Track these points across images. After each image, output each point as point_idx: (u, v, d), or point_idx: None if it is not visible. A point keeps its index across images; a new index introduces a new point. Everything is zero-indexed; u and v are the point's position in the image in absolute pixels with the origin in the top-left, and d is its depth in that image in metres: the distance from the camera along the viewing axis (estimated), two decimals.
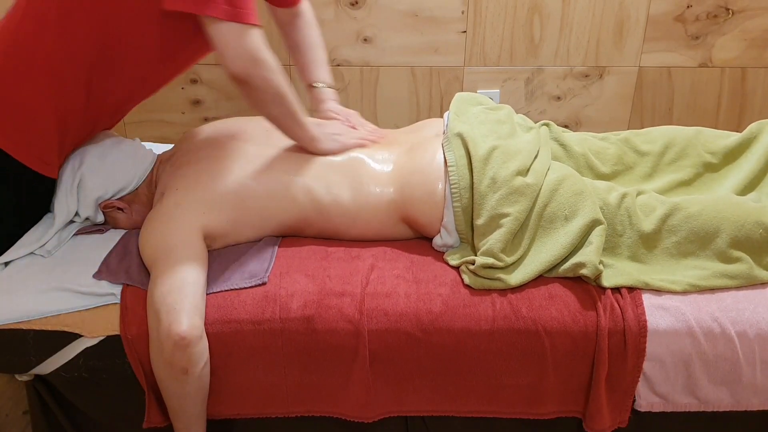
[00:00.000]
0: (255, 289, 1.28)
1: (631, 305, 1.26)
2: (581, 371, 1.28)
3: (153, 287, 1.21)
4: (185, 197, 1.33)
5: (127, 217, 1.46)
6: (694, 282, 1.29)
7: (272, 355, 1.27)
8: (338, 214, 1.38)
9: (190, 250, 1.25)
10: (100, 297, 1.28)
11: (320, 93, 1.61)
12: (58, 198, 1.39)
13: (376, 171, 1.40)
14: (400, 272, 1.32)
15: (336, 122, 1.53)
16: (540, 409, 1.31)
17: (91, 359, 1.29)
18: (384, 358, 1.27)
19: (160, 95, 2.34)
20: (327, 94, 1.61)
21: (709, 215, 1.31)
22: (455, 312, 1.26)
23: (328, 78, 1.63)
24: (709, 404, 1.30)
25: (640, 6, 2.20)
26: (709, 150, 1.50)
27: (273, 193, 1.36)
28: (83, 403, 1.36)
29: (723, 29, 2.25)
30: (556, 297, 1.27)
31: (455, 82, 2.32)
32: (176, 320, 1.16)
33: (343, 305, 1.26)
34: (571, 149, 1.51)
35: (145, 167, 1.46)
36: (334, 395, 1.31)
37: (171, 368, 1.19)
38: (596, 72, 2.31)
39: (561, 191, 1.32)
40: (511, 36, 2.25)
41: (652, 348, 1.25)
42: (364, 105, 2.35)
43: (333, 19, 2.22)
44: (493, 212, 1.30)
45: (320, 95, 1.61)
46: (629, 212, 1.33)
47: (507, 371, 1.28)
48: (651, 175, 1.51)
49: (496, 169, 1.32)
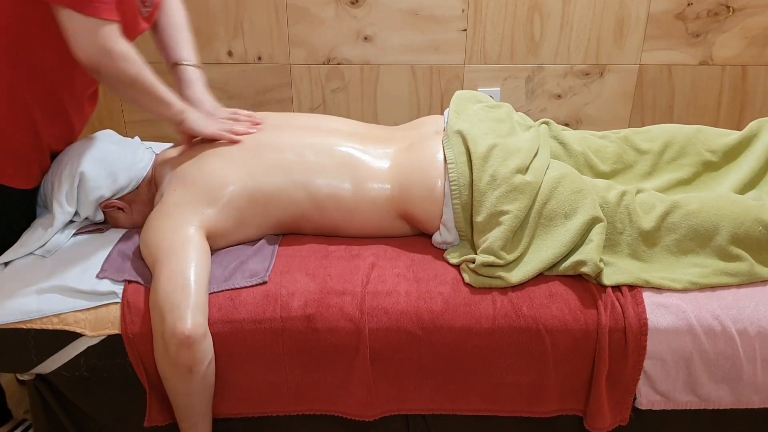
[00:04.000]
0: (256, 289, 1.28)
1: (631, 303, 1.26)
2: (582, 369, 1.28)
3: (156, 286, 1.21)
4: (185, 196, 1.33)
5: (128, 217, 1.46)
6: (695, 280, 1.28)
7: (273, 354, 1.27)
8: (337, 210, 1.38)
9: (192, 248, 1.25)
10: (101, 296, 1.28)
11: (185, 72, 1.52)
12: (58, 198, 1.39)
13: (375, 167, 1.40)
14: (400, 271, 1.32)
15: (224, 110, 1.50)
16: (541, 407, 1.31)
17: (92, 358, 1.29)
18: (385, 356, 1.27)
19: None
20: (193, 73, 1.53)
21: (709, 213, 1.31)
22: (456, 310, 1.26)
23: (193, 58, 1.54)
24: (710, 402, 1.30)
25: (640, 4, 2.20)
26: (709, 148, 1.50)
27: (273, 191, 1.36)
28: (84, 403, 1.37)
29: (723, 27, 2.24)
30: (557, 295, 1.27)
31: (455, 80, 2.32)
32: (180, 319, 1.16)
33: (344, 304, 1.26)
34: (571, 148, 1.51)
35: (144, 166, 1.46)
36: (335, 394, 1.31)
37: (176, 367, 1.19)
38: (597, 70, 2.30)
39: (560, 189, 1.32)
40: (511, 34, 2.24)
41: (653, 346, 1.25)
42: (365, 103, 2.35)
43: (333, 17, 2.22)
44: (493, 209, 1.30)
45: (186, 75, 1.52)
46: (629, 210, 1.33)
47: (508, 369, 1.28)
48: (651, 174, 1.51)
49: (495, 166, 1.32)
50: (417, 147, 1.42)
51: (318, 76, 2.31)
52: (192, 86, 1.52)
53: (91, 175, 1.39)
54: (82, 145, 1.43)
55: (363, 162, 1.40)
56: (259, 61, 2.28)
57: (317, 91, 2.33)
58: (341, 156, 1.40)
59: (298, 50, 2.27)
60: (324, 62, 2.29)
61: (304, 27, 2.23)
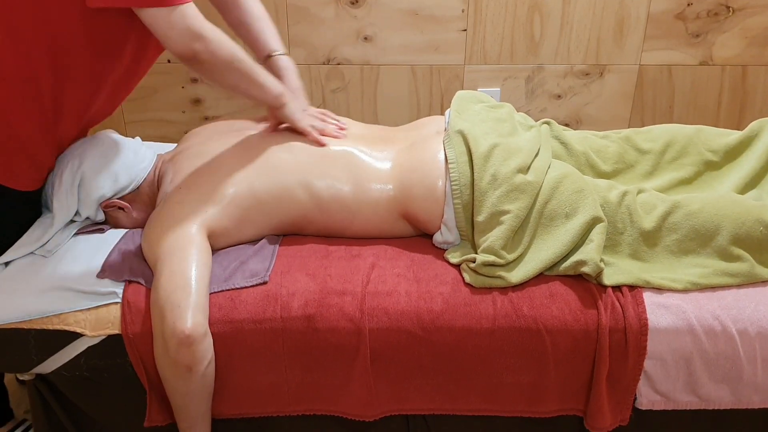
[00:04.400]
0: (256, 289, 1.28)
1: (632, 303, 1.26)
2: (582, 369, 1.28)
3: (157, 285, 1.21)
4: (187, 196, 1.33)
5: (129, 217, 1.46)
6: (695, 280, 1.28)
7: (273, 354, 1.27)
8: (339, 211, 1.38)
9: (193, 248, 1.25)
10: (101, 296, 1.28)
11: (279, 61, 1.51)
12: (58, 198, 1.39)
13: (377, 168, 1.40)
14: (400, 271, 1.32)
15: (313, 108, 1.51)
16: (541, 407, 1.31)
17: (92, 358, 1.29)
18: (385, 356, 1.27)
19: (161, 95, 2.35)
20: (286, 62, 1.53)
21: (710, 213, 1.31)
22: (456, 310, 1.26)
23: (282, 48, 1.54)
24: (710, 402, 1.30)
25: (640, 4, 2.20)
26: (709, 148, 1.50)
27: (274, 191, 1.36)
28: (84, 403, 1.37)
29: (723, 27, 2.24)
30: (557, 295, 1.27)
31: (455, 80, 2.32)
32: (180, 318, 1.16)
33: (344, 304, 1.26)
34: (572, 147, 1.51)
35: (145, 166, 1.46)
36: (335, 394, 1.31)
37: (175, 366, 1.19)
38: (597, 70, 2.30)
39: (561, 189, 1.32)
40: (511, 34, 2.25)
41: (653, 346, 1.25)
42: (365, 104, 2.35)
43: (333, 17, 2.22)
44: (494, 209, 1.30)
45: (282, 64, 1.51)
46: (630, 210, 1.33)
47: (508, 369, 1.28)
48: (652, 174, 1.51)
49: (496, 166, 1.32)
50: (418, 147, 1.42)
51: (318, 76, 2.31)
52: (288, 76, 1.51)
53: (92, 175, 1.39)
54: (83, 145, 1.43)
55: (364, 163, 1.40)
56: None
57: (317, 91, 2.33)
58: (343, 157, 1.40)
59: (298, 50, 2.27)
60: (324, 62, 2.29)
61: (304, 27, 2.23)
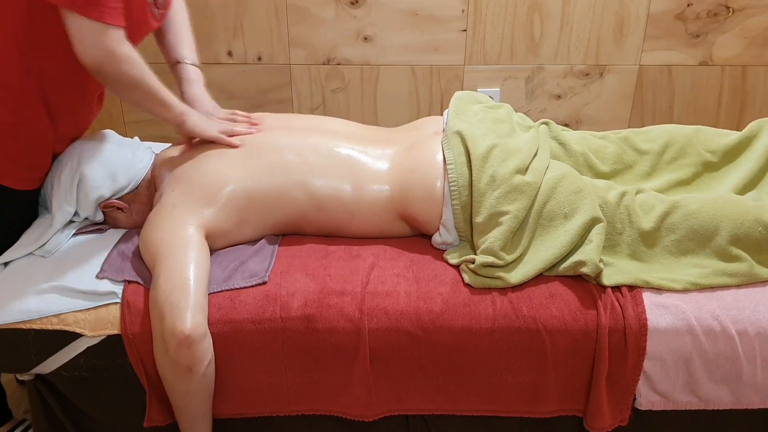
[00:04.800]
0: (255, 289, 1.28)
1: (631, 304, 1.26)
2: (582, 370, 1.28)
3: (155, 286, 1.21)
4: (184, 196, 1.33)
5: (127, 217, 1.46)
6: (695, 280, 1.29)
7: (273, 354, 1.27)
8: (337, 211, 1.38)
9: (191, 248, 1.25)
10: (100, 296, 1.28)
11: (186, 71, 1.53)
12: (57, 198, 1.39)
13: (375, 168, 1.40)
14: (400, 271, 1.32)
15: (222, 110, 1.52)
16: (541, 407, 1.31)
17: (92, 359, 1.29)
18: (384, 356, 1.27)
19: None
20: (193, 72, 1.53)
21: (709, 213, 1.31)
22: (456, 311, 1.26)
23: (194, 57, 1.55)
24: (710, 402, 1.30)
25: (640, 4, 2.20)
26: (708, 149, 1.50)
27: (271, 191, 1.36)
28: (84, 403, 1.37)
29: (723, 27, 2.24)
30: (557, 296, 1.27)
31: (455, 80, 2.32)
32: (180, 318, 1.16)
33: (344, 304, 1.26)
34: (571, 148, 1.51)
35: (144, 166, 1.46)
36: (334, 394, 1.31)
37: (175, 367, 1.19)
38: (596, 70, 2.30)
39: (560, 189, 1.32)
40: (511, 34, 2.24)
41: (653, 346, 1.25)
42: (365, 104, 2.35)
43: (333, 18, 2.22)
44: (493, 210, 1.30)
45: (186, 73, 1.53)
46: (629, 210, 1.33)
47: (507, 370, 1.28)
48: (650, 174, 1.51)
49: (495, 167, 1.32)
50: (416, 148, 1.42)
51: (318, 77, 2.31)
52: (192, 85, 1.53)
53: (90, 175, 1.39)
54: (82, 145, 1.43)
55: (363, 163, 1.40)
56: (258, 61, 2.28)
57: (317, 91, 2.33)
58: (341, 157, 1.40)
59: (298, 50, 2.27)
60: (324, 62, 2.29)
61: (304, 27, 2.23)
